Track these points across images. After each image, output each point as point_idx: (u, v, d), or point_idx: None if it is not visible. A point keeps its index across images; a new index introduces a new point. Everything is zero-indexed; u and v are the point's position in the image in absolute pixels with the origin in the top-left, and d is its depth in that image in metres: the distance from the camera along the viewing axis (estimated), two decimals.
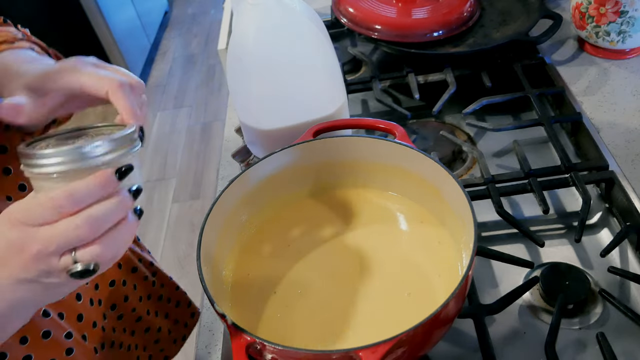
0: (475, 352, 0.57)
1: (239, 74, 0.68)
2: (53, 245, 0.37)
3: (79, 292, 0.61)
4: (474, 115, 0.86)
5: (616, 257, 0.64)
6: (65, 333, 0.57)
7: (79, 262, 0.38)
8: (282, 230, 0.63)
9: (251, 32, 0.64)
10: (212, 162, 2.41)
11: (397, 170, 0.62)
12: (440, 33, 0.92)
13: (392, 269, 0.57)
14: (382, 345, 0.42)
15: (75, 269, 0.38)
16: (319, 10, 0.90)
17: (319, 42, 0.67)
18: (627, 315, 0.57)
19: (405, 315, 0.51)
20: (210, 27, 3.39)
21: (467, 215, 0.51)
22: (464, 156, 0.81)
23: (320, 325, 0.53)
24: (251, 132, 0.73)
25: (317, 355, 0.45)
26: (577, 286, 0.60)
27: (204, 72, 2.97)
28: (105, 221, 0.38)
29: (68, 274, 0.38)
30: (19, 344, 0.53)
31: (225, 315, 0.46)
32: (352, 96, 0.95)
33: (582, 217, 0.65)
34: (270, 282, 0.58)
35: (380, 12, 0.94)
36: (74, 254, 0.37)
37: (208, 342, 0.64)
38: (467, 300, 0.60)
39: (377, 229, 0.62)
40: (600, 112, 0.82)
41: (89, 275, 0.38)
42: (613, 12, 0.85)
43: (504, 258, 0.63)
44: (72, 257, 0.37)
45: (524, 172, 0.72)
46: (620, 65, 0.90)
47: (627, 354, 0.55)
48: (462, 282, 0.46)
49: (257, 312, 0.55)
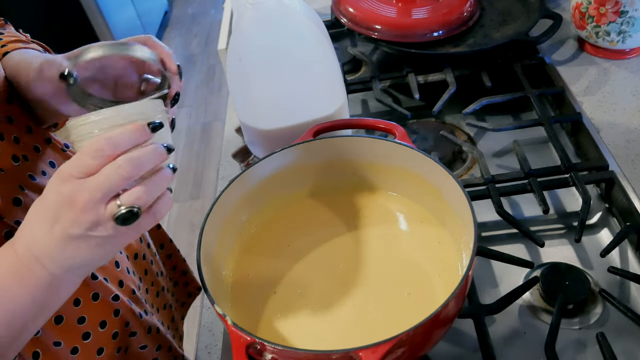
0: (475, 352, 0.57)
1: (239, 74, 0.68)
2: (100, 191, 0.40)
3: (117, 259, 0.63)
4: (474, 115, 0.86)
5: (616, 257, 0.64)
6: (112, 295, 0.60)
7: (123, 205, 0.41)
8: (282, 230, 0.63)
9: (251, 32, 0.64)
10: (212, 162, 2.41)
11: (397, 170, 0.62)
12: (440, 33, 0.92)
13: (392, 269, 0.57)
14: (382, 345, 0.42)
15: (120, 212, 0.40)
16: (319, 10, 0.90)
17: (319, 42, 0.67)
18: (627, 315, 0.57)
19: (405, 315, 0.51)
20: (210, 27, 3.39)
21: (467, 215, 0.51)
22: (464, 156, 0.81)
23: (320, 325, 0.53)
24: (251, 132, 0.73)
25: (317, 355, 0.45)
26: (577, 286, 0.60)
27: (204, 72, 2.97)
28: (144, 162, 0.42)
29: (114, 220, 0.41)
30: (72, 306, 0.56)
31: (225, 315, 0.46)
32: (352, 96, 0.95)
33: (582, 217, 0.65)
34: (270, 282, 0.58)
35: (380, 12, 0.94)
36: (118, 201, 0.41)
37: (208, 342, 0.64)
38: (467, 300, 0.60)
39: (377, 229, 0.62)
40: (600, 112, 0.82)
41: (133, 220, 0.41)
42: (613, 12, 0.85)
43: (504, 258, 0.63)
44: (117, 203, 0.41)
45: (524, 172, 0.72)
46: (620, 65, 0.90)
47: (627, 354, 0.55)
48: (462, 282, 0.46)
49: (257, 312, 0.55)
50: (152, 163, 0.42)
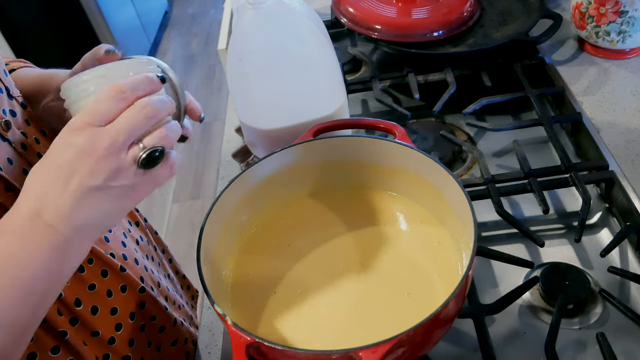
0: (475, 352, 0.57)
1: (239, 74, 0.68)
2: (122, 134, 0.39)
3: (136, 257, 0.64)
4: (474, 115, 0.86)
5: (616, 257, 0.64)
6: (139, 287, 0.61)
7: (146, 147, 0.40)
8: (282, 230, 0.63)
9: (251, 32, 0.64)
10: (212, 162, 2.41)
11: (397, 170, 0.62)
12: (440, 33, 0.92)
13: (392, 269, 0.57)
14: (382, 345, 0.42)
15: (144, 154, 0.40)
16: (319, 10, 0.90)
17: (319, 42, 0.67)
18: (627, 315, 0.57)
19: (405, 315, 0.51)
20: (210, 27, 3.39)
21: (467, 215, 0.51)
22: (464, 156, 0.81)
23: (320, 325, 0.53)
24: (251, 132, 0.73)
25: (317, 355, 0.45)
26: (577, 286, 0.60)
27: (204, 72, 2.97)
28: (163, 106, 0.42)
29: (137, 163, 0.40)
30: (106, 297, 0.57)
31: (225, 315, 0.46)
32: (352, 96, 0.95)
33: (582, 217, 0.65)
34: (270, 282, 0.58)
35: (380, 12, 0.94)
36: (141, 144, 0.40)
37: (208, 342, 0.64)
38: (467, 300, 0.60)
39: (377, 229, 0.62)
40: (600, 112, 0.82)
41: (157, 161, 0.41)
42: (613, 12, 0.85)
43: (504, 258, 0.63)
44: (140, 146, 0.40)
45: (524, 172, 0.72)
46: (620, 65, 0.90)
47: (627, 354, 0.55)
48: (462, 282, 0.46)
49: (257, 312, 0.55)
50: (169, 109, 0.43)
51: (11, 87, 0.54)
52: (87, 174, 0.39)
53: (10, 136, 0.50)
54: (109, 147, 0.39)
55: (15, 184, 0.49)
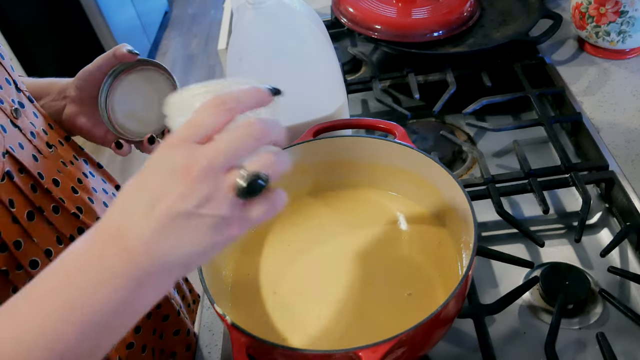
0: (475, 352, 0.57)
1: (239, 74, 0.68)
2: (222, 155, 0.34)
3: None
4: (474, 115, 0.86)
5: (616, 257, 0.64)
6: None
7: (248, 173, 0.34)
8: (282, 230, 0.63)
9: (251, 32, 0.64)
10: None
11: (397, 170, 0.62)
12: (440, 33, 0.92)
13: (392, 269, 0.57)
14: (382, 345, 0.42)
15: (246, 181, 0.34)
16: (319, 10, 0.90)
17: (319, 42, 0.67)
18: (627, 315, 0.57)
19: (405, 315, 0.51)
20: (210, 27, 3.39)
21: (467, 215, 0.51)
22: (464, 156, 0.81)
23: (320, 326, 0.53)
24: None
25: (317, 355, 0.45)
26: (577, 286, 0.60)
27: (204, 72, 2.97)
28: (274, 127, 0.36)
29: (236, 191, 0.34)
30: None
31: (225, 315, 0.46)
32: (352, 96, 0.95)
33: (582, 217, 0.65)
34: (270, 282, 0.58)
35: (380, 12, 0.94)
36: (242, 170, 0.34)
37: (208, 342, 0.64)
38: (467, 300, 0.60)
39: (377, 229, 0.62)
40: (600, 112, 0.82)
41: (259, 192, 0.35)
42: (613, 12, 0.85)
43: (504, 258, 0.63)
44: (241, 172, 0.34)
45: (524, 172, 0.72)
46: (620, 65, 0.90)
47: (627, 354, 0.55)
48: (462, 282, 0.46)
49: (257, 312, 0.55)
50: (280, 132, 0.36)
51: (18, 82, 0.56)
52: (177, 197, 0.33)
53: (20, 123, 0.52)
54: (205, 168, 0.33)
55: (29, 168, 0.50)
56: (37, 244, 0.50)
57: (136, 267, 0.34)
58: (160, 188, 0.34)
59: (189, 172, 0.33)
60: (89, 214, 0.57)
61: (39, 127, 0.56)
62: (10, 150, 0.49)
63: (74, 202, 0.55)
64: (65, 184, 0.55)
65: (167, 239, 0.34)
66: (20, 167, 0.50)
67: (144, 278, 0.34)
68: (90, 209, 0.57)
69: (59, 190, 0.54)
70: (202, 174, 0.33)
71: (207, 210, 0.34)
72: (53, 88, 0.62)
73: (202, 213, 0.34)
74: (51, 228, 0.52)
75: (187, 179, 0.33)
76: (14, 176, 0.49)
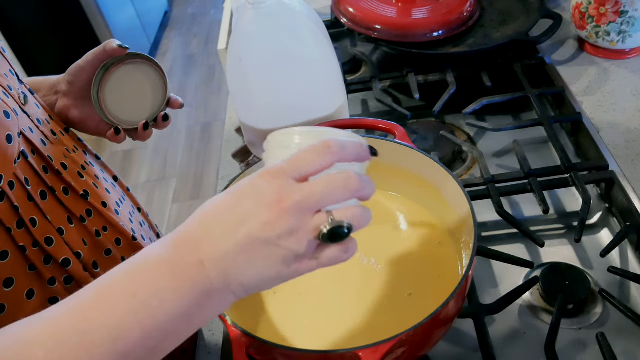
0: (475, 352, 0.57)
1: (239, 74, 0.68)
2: (316, 196, 0.35)
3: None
4: (474, 115, 0.86)
5: (616, 257, 0.64)
6: None
7: (335, 220, 0.36)
8: None
9: (251, 32, 0.64)
10: (212, 162, 2.41)
11: (397, 170, 0.62)
12: (440, 33, 0.92)
13: (392, 269, 0.57)
14: (382, 345, 0.42)
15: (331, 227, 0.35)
16: (319, 10, 0.90)
17: (319, 42, 0.67)
18: (627, 315, 0.57)
19: (405, 315, 0.51)
20: (210, 27, 3.39)
21: (467, 215, 0.51)
22: (464, 156, 0.81)
23: (320, 326, 0.53)
24: (251, 132, 0.73)
25: (317, 355, 0.45)
26: (577, 286, 0.60)
27: (204, 72, 2.97)
28: (367, 185, 0.38)
29: (317, 234, 0.36)
30: None
31: (225, 315, 0.46)
32: (352, 96, 0.95)
33: (582, 217, 0.65)
34: None
35: (380, 12, 0.94)
36: (331, 216, 0.36)
37: (208, 342, 0.64)
38: (467, 300, 0.60)
39: (377, 229, 0.61)
40: (600, 112, 0.82)
41: (339, 239, 0.36)
42: (613, 12, 0.85)
43: (504, 258, 0.63)
44: (328, 216, 0.36)
45: (524, 172, 0.72)
46: (620, 65, 0.90)
47: (627, 354, 0.55)
48: (462, 282, 0.46)
49: (257, 312, 0.55)
50: (371, 191, 0.38)
51: (19, 74, 0.57)
52: (262, 224, 0.35)
53: (28, 110, 0.54)
54: (296, 203, 0.35)
55: (40, 150, 0.52)
56: (51, 222, 0.52)
57: (206, 280, 0.35)
58: (248, 212, 0.35)
59: (279, 203, 0.35)
60: (95, 198, 0.58)
61: (43, 117, 0.57)
62: (23, 132, 0.51)
63: (80, 186, 0.57)
64: (71, 168, 0.57)
65: (239, 257, 0.35)
66: (33, 148, 0.52)
67: (211, 292, 0.36)
68: (95, 193, 0.59)
69: (67, 174, 0.55)
70: (292, 208, 0.35)
71: (287, 243, 0.35)
72: (44, 85, 0.63)
73: (280, 244, 0.35)
74: (62, 208, 0.54)
75: (275, 209, 0.35)
76: (28, 156, 0.51)
